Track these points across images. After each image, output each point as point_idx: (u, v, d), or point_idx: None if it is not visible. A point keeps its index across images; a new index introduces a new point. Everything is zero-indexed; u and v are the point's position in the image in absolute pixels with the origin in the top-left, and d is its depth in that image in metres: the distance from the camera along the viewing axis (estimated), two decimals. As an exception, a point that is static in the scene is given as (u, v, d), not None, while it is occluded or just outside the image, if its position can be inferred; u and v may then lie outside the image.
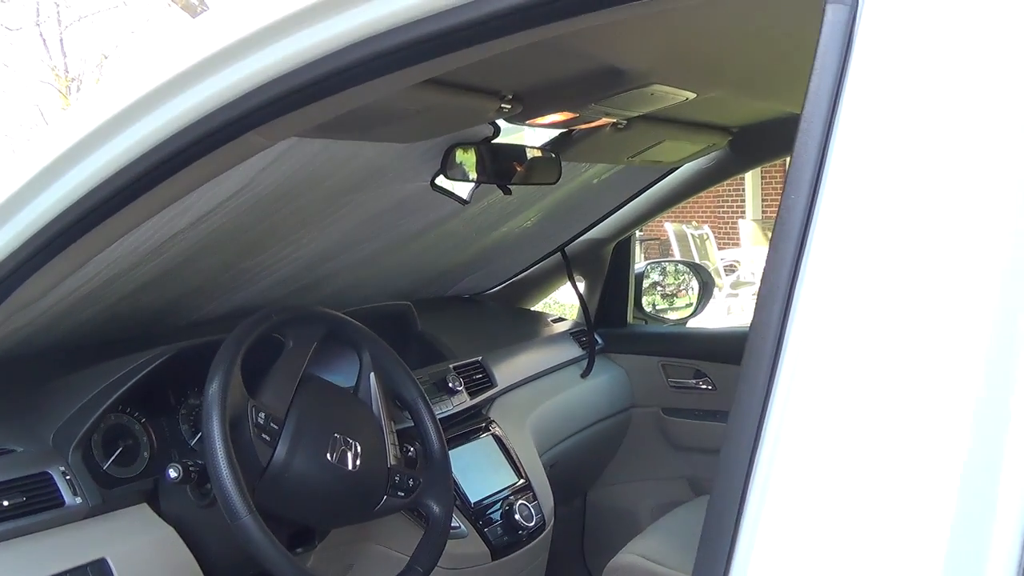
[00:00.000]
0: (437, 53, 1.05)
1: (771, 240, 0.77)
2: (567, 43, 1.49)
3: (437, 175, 2.07)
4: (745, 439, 0.73)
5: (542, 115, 1.96)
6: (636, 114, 2.06)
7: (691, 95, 1.94)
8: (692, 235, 12.03)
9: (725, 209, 14.84)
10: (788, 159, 0.78)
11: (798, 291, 0.73)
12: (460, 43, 1.03)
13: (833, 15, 0.76)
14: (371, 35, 1.02)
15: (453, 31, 0.99)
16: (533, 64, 1.61)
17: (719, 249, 12.75)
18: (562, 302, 8.46)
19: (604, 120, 2.11)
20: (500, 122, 2.02)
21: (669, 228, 12.13)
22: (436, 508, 1.94)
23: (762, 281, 0.77)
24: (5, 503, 1.55)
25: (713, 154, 2.83)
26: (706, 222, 13.69)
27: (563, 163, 2.26)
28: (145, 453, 1.82)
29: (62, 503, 1.63)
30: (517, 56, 1.09)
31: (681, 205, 3.26)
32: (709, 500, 0.77)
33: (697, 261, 10.33)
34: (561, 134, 2.26)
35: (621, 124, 2.16)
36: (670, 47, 1.66)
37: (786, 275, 0.73)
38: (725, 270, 11.89)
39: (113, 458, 1.76)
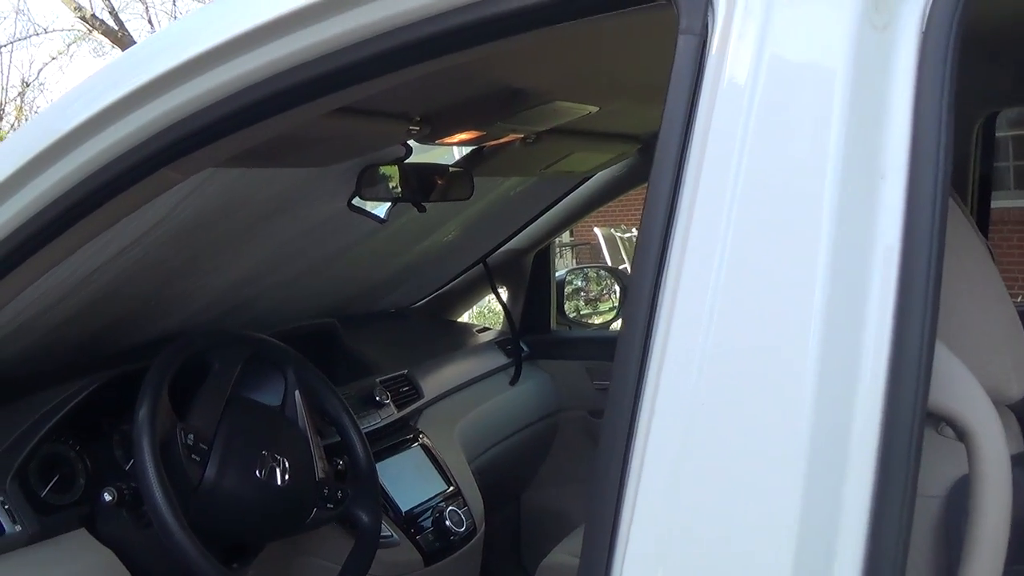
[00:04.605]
0: (344, 85, 1.11)
1: (635, 248, 0.85)
2: (468, 68, 1.55)
3: (353, 196, 2.12)
4: (619, 431, 0.81)
5: (451, 135, 2.02)
6: (543, 129, 2.13)
7: (594, 108, 2.02)
8: (621, 238, 12.11)
9: (653, 211, 14.92)
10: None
11: (661, 296, 0.81)
12: (366, 75, 1.09)
13: (684, 45, 0.84)
14: (280, 71, 1.08)
15: (359, 64, 1.05)
16: (438, 88, 1.68)
17: (648, 251, 12.80)
18: (497, 311, 8.50)
19: (512, 136, 2.18)
20: (412, 142, 2.09)
21: (598, 232, 12.21)
22: (365, 518, 1.99)
23: (628, 291, 0.85)
24: None
25: (625, 161, 2.91)
26: (635, 225, 13.78)
27: (476, 178, 2.33)
28: (81, 479, 1.85)
29: (2, 532, 1.66)
30: (423, 81, 1.15)
31: (609, 209, 3.34)
32: (588, 497, 0.84)
33: (626, 264, 10.43)
34: (473, 151, 2.32)
35: (530, 139, 2.23)
36: (567, 66, 1.73)
37: (650, 283, 0.81)
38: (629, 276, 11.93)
39: (50, 486, 1.78)
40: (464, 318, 3.70)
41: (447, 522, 2.36)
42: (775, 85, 0.79)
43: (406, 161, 2.14)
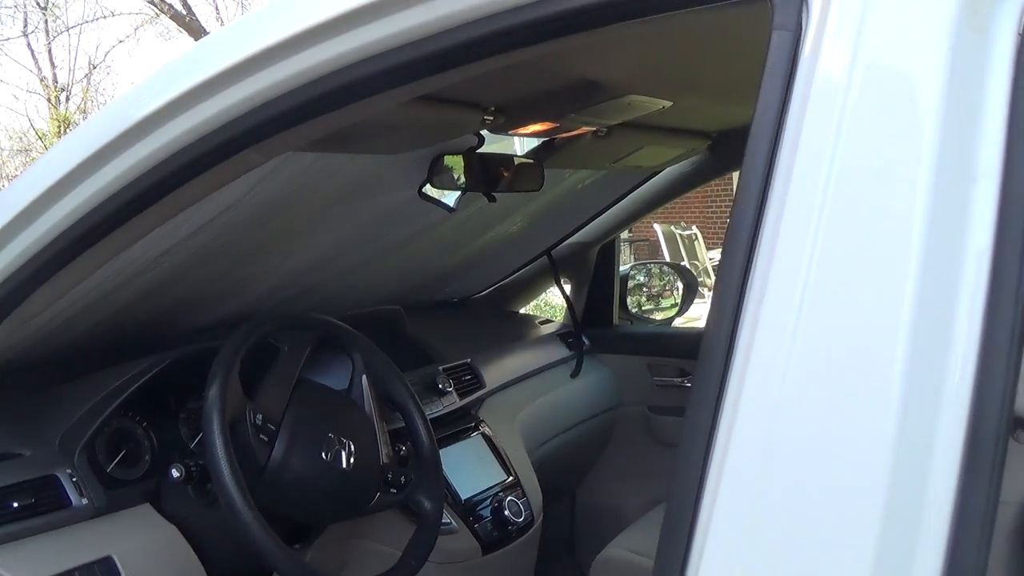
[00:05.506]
0: (430, 72, 1.12)
1: (723, 249, 0.84)
2: (547, 59, 1.55)
3: (424, 184, 2.13)
4: (700, 434, 0.81)
5: (524, 125, 2.02)
6: (615, 122, 2.12)
7: (668, 104, 2.01)
8: (680, 235, 12.07)
9: (713, 209, 14.89)
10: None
11: (748, 295, 0.80)
12: (452, 63, 1.09)
13: (778, 41, 0.84)
14: (367, 56, 1.08)
15: (446, 52, 1.06)
16: (514, 79, 1.68)
17: (708, 249, 12.79)
18: (554, 304, 8.52)
19: (584, 128, 2.18)
20: (484, 132, 2.09)
21: (658, 229, 12.17)
22: (427, 504, 2.00)
23: (715, 287, 0.84)
24: (15, 504, 1.62)
25: (694, 157, 2.89)
26: (695, 222, 13.74)
27: (546, 170, 2.32)
28: (147, 456, 1.88)
29: (69, 504, 1.69)
30: (500, 72, 1.16)
31: (669, 206, 3.31)
32: (667, 492, 0.84)
33: (685, 261, 10.40)
34: (544, 142, 2.32)
35: (602, 132, 2.22)
36: (644, 60, 1.73)
37: (737, 281, 0.81)
38: (714, 270, 11.92)
39: (117, 460, 1.82)
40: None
41: (506, 512, 2.37)
42: (869, 84, 0.78)
43: (477, 151, 2.14)
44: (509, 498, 2.41)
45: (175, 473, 1.79)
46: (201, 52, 1.23)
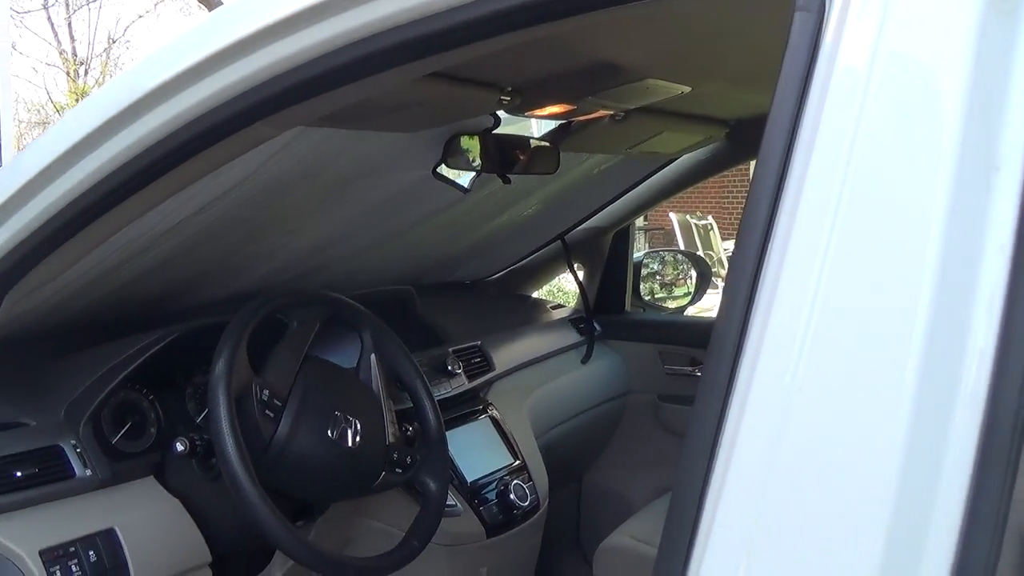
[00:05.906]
0: (442, 49, 1.10)
1: (737, 235, 0.82)
2: (564, 39, 1.53)
3: (438, 164, 2.11)
4: (708, 423, 0.80)
5: (540, 107, 2.01)
6: (633, 106, 2.11)
7: (686, 89, 1.99)
8: (696, 225, 12.04)
9: (730, 199, 14.85)
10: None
11: (761, 283, 0.79)
12: (464, 39, 1.08)
13: (800, 23, 0.82)
14: (378, 31, 1.07)
15: (457, 28, 1.04)
16: (531, 59, 1.66)
17: (723, 239, 12.76)
18: (566, 290, 8.51)
19: (602, 112, 2.16)
20: (500, 113, 2.07)
21: (673, 218, 12.14)
22: (432, 485, 1.99)
23: (727, 275, 0.83)
24: (19, 474, 1.62)
25: (711, 145, 2.88)
26: (710, 212, 13.70)
27: (562, 153, 2.31)
28: (152, 428, 1.87)
29: (73, 475, 1.69)
30: (516, 51, 1.14)
31: (685, 195, 3.30)
32: (673, 481, 0.83)
33: (700, 251, 10.37)
34: (560, 125, 2.31)
35: (619, 116, 2.21)
36: (664, 43, 1.71)
37: (751, 268, 0.79)
38: (729, 260, 11.89)
39: (122, 432, 1.81)
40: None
41: (511, 496, 2.36)
42: (893, 68, 0.76)
43: (493, 132, 2.13)
44: (515, 482, 2.40)
45: (179, 447, 1.79)
46: (214, 23, 1.22)
